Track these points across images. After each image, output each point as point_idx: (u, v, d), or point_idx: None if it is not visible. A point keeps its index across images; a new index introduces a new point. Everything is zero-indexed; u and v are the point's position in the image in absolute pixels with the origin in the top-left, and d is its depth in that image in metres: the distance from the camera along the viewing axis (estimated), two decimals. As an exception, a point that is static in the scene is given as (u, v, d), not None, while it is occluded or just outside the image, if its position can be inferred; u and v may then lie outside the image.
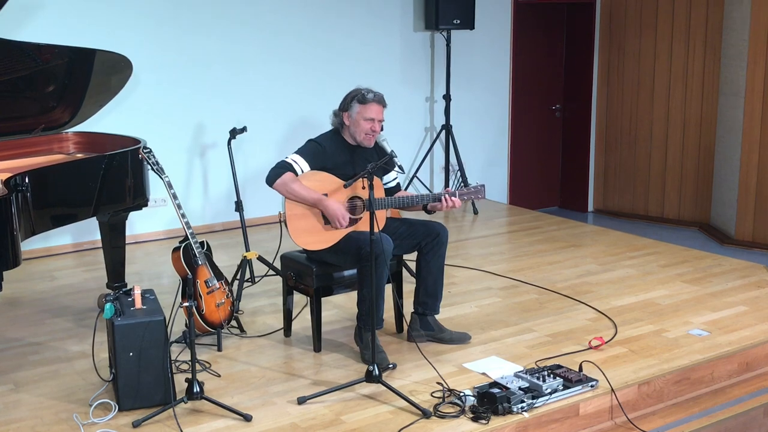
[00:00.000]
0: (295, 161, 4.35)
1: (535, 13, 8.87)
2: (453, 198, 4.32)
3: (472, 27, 7.83)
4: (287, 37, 7.26)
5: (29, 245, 6.13)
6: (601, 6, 9.06)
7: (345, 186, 4.21)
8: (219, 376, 4.17)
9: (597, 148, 9.38)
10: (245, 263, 5.33)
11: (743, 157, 7.85)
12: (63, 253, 6.49)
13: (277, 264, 5.02)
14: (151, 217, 6.78)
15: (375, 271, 4.02)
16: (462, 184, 7.37)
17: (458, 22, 7.73)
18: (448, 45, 7.85)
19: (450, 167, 8.08)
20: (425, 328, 4.57)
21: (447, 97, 7.90)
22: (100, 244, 5.40)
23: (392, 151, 4.25)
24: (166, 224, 6.84)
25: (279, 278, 5.38)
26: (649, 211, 9.05)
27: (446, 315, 4.81)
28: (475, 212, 7.71)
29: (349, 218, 4.27)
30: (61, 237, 6.49)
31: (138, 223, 6.66)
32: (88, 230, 6.45)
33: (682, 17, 8.53)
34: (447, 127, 7.93)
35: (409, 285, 4.92)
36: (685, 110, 8.65)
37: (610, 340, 4.59)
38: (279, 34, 7.22)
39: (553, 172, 9.57)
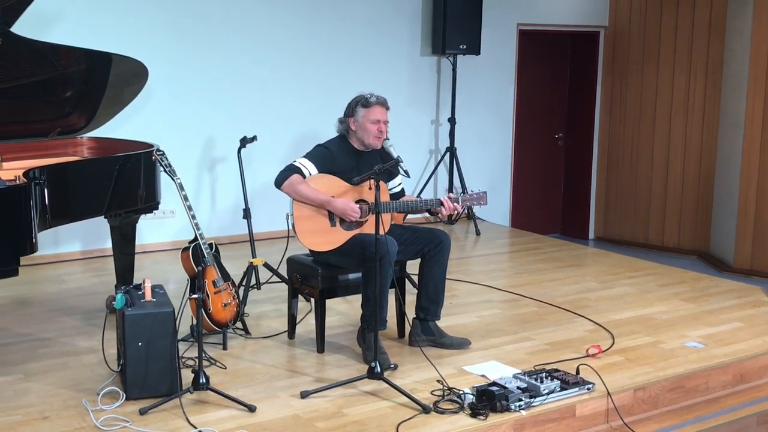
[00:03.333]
0: (303, 165, 4.48)
1: (539, 42, 9.07)
2: (455, 203, 4.45)
3: (477, 52, 8.01)
4: (298, 57, 7.44)
5: (39, 251, 6.25)
6: (605, 37, 9.27)
7: (354, 182, 4.34)
8: (225, 367, 4.28)
9: (599, 176, 9.53)
10: (251, 269, 5.44)
11: (742, 187, 7.99)
12: (72, 259, 6.60)
13: (283, 269, 5.13)
14: (160, 228, 6.92)
15: (380, 272, 4.13)
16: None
17: (464, 47, 7.92)
18: (454, 69, 8.03)
19: (454, 190, 8.21)
20: (426, 333, 4.66)
21: (452, 121, 8.07)
22: (109, 252, 5.53)
23: (398, 156, 4.38)
24: (174, 235, 6.96)
25: (284, 285, 5.49)
26: (649, 239, 9.17)
27: (447, 323, 4.90)
28: (478, 233, 7.83)
29: (359, 210, 4.39)
30: (70, 244, 6.62)
31: (147, 233, 6.79)
32: (98, 238, 6.58)
33: (683, 49, 8.72)
34: (451, 150, 8.08)
35: (410, 296, 5.02)
36: (686, 140, 8.81)
37: (608, 349, 4.68)
38: (290, 53, 7.40)
39: (555, 200, 9.71)
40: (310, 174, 4.45)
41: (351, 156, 4.56)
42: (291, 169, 4.45)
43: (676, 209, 8.97)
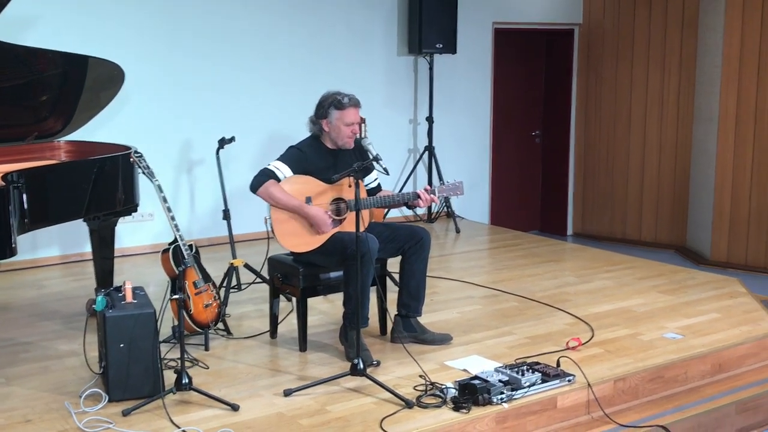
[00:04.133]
0: (277, 168, 4.48)
1: (514, 41, 9.13)
2: (431, 195, 4.48)
3: (454, 51, 8.06)
4: (275, 57, 7.46)
5: (17, 256, 6.23)
6: (579, 35, 9.34)
7: (333, 180, 4.34)
8: (207, 367, 4.28)
9: (576, 172, 9.60)
10: (232, 270, 5.44)
11: (717, 181, 8.08)
12: (51, 264, 6.58)
13: (264, 269, 5.14)
14: (139, 231, 6.90)
15: (361, 269, 4.15)
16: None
17: (441, 46, 7.96)
18: (430, 69, 8.07)
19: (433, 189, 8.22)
20: (408, 329, 4.68)
21: (430, 120, 8.10)
22: (87, 256, 5.51)
23: (377, 154, 4.40)
24: (153, 238, 6.94)
25: (264, 286, 5.50)
26: (627, 234, 9.25)
27: (428, 320, 4.92)
28: (457, 231, 7.86)
29: (331, 222, 4.41)
30: (48, 249, 6.59)
31: (125, 237, 6.77)
32: (76, 242, 6.56)
33: (657, 45, 8.80)
34: (430, 149, 8.11)
35: (392, 293, 5.05)
36: (661, 135, 8.89)
37: (587, 341, 4.73)
38: (267, 54, 7.41)
39: (533, 197, 9.78)
40: (285, 177, 4.45)
41: (326, 156, 4.57)
42: (265, 174, 4.45)
43: (652, 204, 9.06)
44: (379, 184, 4.81)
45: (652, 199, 9.05)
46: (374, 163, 4.39)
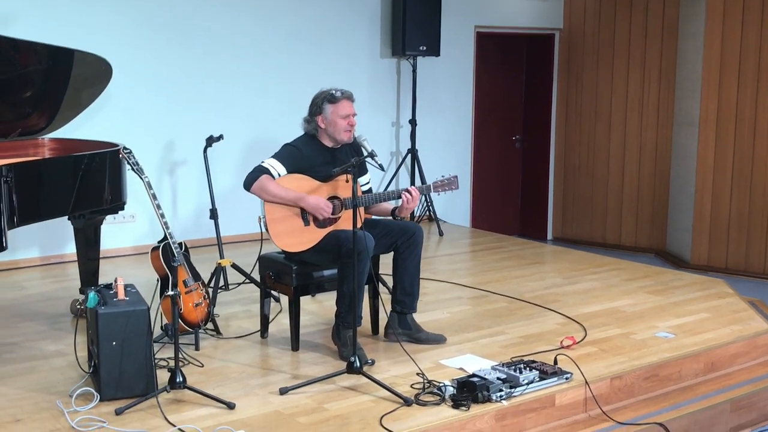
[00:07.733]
0: (271, 165, 4.41)
1: (496, 45, 9.14)
2: (413, 193, 4.44)
3: (437, 54, 8.04)
4: (259, 58, 7.39)
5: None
6: (560, 39, 9.37)
7: (333, 173, 4.27)
8: (202, 365, 4.21)
9: (556, 177, 9.62)
10: (219, 270, 5.36)
11: (698, 185, 8.13)
12: (30, 266, 6.44)
13: (253, 269, 5.07)
14: (120, 233, 6.77)
15: (357, 267, 4.09)
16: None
17: (424, 48, 7.93)
18: (414, 71, 8.04)
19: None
20: (403, 326, 4.63)
21: (413, 122, 8.07)
22: (68, 258, 5.38)
23: (372, 150, 4.35)
24: (134, 240, 6.83)
25: (252, 286, 5.44)
26: (607, 239, 9.28)
27: (419, 320, 4.86)
28: (441, 234, 7.83)
29: (331, 206, 4.35)
30: (28, 250, 6.46)
31: (106, 239, 6.58)
32: (56, 244, 6.44)
33: (637, 50, 8.86)
34: (413, 151, 8.08)
35: (383, 296, 5.00)
36: (641, 140, 8.94)
37: (581, 340, 4.71)
38: (251, 55, 7.35)
39: (513, 201, 9.78)
40: (279, 175, 4.38)
41: (325, 151, 4.51)
42: (259, 170, 4.38)
43: (632, 208, 9.10)
44: (370, 188, 4.76)
45: (631, 203, 9.09)
46: (370, 159, 4.32)
